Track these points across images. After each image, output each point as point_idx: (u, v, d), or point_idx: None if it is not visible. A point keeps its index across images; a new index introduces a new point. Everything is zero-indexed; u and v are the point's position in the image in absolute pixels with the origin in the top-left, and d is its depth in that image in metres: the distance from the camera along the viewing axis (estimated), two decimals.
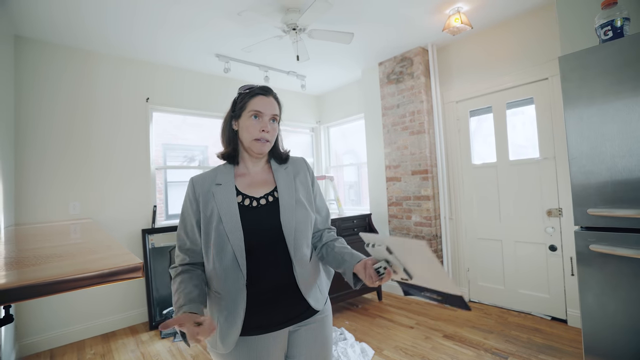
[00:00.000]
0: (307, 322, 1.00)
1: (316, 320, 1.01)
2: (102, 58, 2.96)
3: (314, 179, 1.12)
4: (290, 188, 1.02)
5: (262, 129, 0.97)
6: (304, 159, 1.14)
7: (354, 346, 2.27)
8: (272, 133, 1.00)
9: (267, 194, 1.00)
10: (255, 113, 0.98)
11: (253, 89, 1.01)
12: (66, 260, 0.84)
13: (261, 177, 1.04)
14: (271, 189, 1.01)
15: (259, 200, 0.99)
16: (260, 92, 1.00)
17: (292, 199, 1.00)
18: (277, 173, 1.04)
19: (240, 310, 0.90)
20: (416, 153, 3.26)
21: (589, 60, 1.23)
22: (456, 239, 3.22)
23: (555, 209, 2.57)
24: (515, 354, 2.15)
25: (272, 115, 1.00)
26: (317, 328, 1.01)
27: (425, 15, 2.63)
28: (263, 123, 0.98)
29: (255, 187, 1.01)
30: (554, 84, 2.54)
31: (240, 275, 0.91)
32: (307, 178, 1.09)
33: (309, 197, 1.06)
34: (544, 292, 2.67)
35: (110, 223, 2.88)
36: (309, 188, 1.08)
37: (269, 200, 0.99)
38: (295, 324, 0.98)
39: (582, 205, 1.25)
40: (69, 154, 2.76)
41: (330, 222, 1.14)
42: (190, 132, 3.81)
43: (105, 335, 2.78)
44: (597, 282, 1.21)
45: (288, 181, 1.03)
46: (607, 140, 1.20)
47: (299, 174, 1.07)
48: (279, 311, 0.95)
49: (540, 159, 2.65)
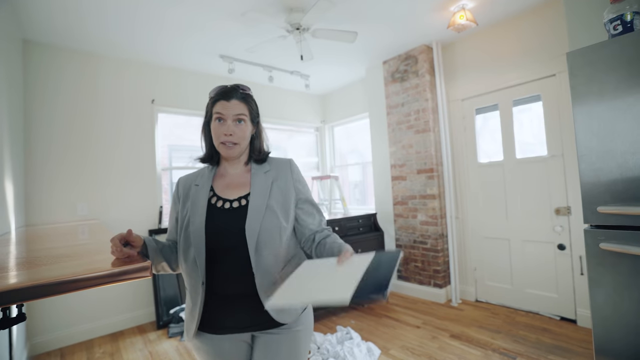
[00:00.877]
0: (274, 331, 0.97)
1: (285, 332, 0.98)
2: (107, 60, 2.99)
3: (298, 182, 1.07)
4: (263, 193, 1.00)
5: (225, 133, 0.97)
6: (290, 161, 1.09)
7: (360, 345, 2.27)
8: (238, 134, 0.99)
9: (240, 197, 1.00)
10: (219, 116, 0.99)
11: (214, 96, 1.00)
12: (75, 260, 0.85)
13: (239, 180, 1.04)
14: (246, 193, 1.01)
15: (231, 202, 0.99)
16: (221, 97, 0.99)
17: (262, 204, 0.97)
18: (255, 177, 1.03)
19: (198, 305, 0.95)
20: (421, 152, 3.25)
21: (598, 56, 1.21)
22: (462, 238, 3.19)
23: (563, 207, 2.54)
24: (523, 354, 2.13)
25: (235, 117, 0.98)
26: (285, 341, 0.98)
27: (429, 12, 2.61)
28: (225, 126, 0.98)
29: (231, 189, 1.02)
30: (562, 81, 2.51)
31: (199, 276, 0.94)
32: (286, 183, 1.04)
33: (285, 203, 1.02)
34: (552, 291, 2.63)
35: (117, 224, 2.91)
36: (288, 194, 1.03)
37: (241, 203, 0.99)
38: (259, 330, 0.97)
39: (591, 203, 1.23)
40: (76, 156, 2.79)
41: (324, 224, 1.09)
42: (195, 133, 3.83)
43: (114, 335, 2.81)
44: (608, 281, 1.19)
45: (264, 186, 1.01)
46: (617, 136, 1.18)
47: (279, 179, 1.04)
48: (238, 316, 0.95)
49: (547, 157, 2.62)
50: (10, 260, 0.88)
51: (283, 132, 4.42)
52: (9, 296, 0.55)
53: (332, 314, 2.99)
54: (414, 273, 3.36)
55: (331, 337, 2.39)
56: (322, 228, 1.07)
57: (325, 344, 2.31)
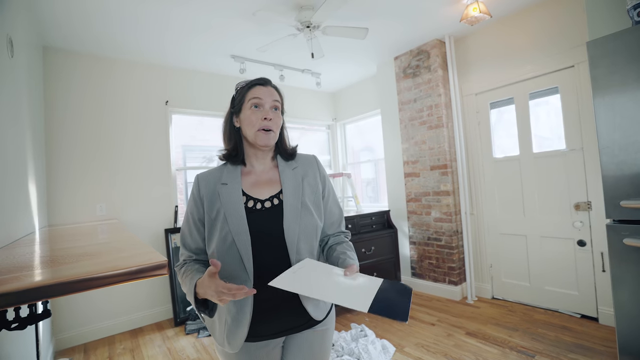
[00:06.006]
0: (305, 332, 0.96)
1: (316, 331, 0.97)
2: (122, 63, 3.06)
3: (325, 179, 1.05)
4: (296, 191, 0.96)
5: (264, 117, 0.93)
6: (315, 157, 1.07)
7: (375, 343, 2.26)
8: (275, 121, 0.95)
9: (272, 197, 0.95)
10: (256, 102, 0.93)
11: (248, 83, 0.98)
12: (96, 259, 0.88)
13: (267, 176, 0.99)
14: (276, 191, 0.96)
15: (263, 202, 0.94)
16: (258, 82, 0.97)
17: (297, 203, 0.94)
18: (284, 174, 0.99)
19: (247, 312, 0.88)
20: (435, 148, 3.20)
21: (620, 44, 1.16)
22: (477, 234, 3.14)
23: (583, 203, 2.46)
24: (542, 353, 2.08)
25: (273, 103, 0.95)
26: (315, 339, 0.97)
27: (441, 6, 2.56)
28: (264, 111, 0.93)
29: (260, 187, 0.97)
30: (581, 72, 2.43)
31: (247, 278, 0.88)
32: (316, 179, 1.02)
33: (317, 200, 0.99)
34: (572, 289, 2.56)
35: (134, 223, 2.99)
36: (318, 190, 1.01)
37: (273, 203, 0.95)
38: (293, 333, 0.95)
39: (614, 197, 1.19)
40: (94, 158, 2.88)
41: (343, 226, 1.08)
42: (208, 133, 3.88)
43: (134, 331, 2.89)
44: (632, 277, 1.15)
45: (295, 183, 0.97)
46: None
47: (308, 175, 1.01)
48: (280, 320, 0.92)
49: (566, 151, 2.54)
50: (35, 259, 0.91)
51: (295, 131, 4.43)
52: (34, 293, 0.57)
53: (347, 312, 2.99)
54: (428, 270, 3.33)
55: (346, 335, 2.40)
56: (339, 231, 1.07)
57: (339, 341, 2.32)
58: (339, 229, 1.07)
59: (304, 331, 0.96)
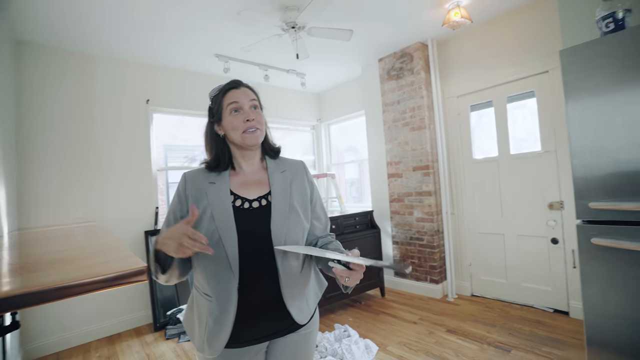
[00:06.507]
0: (289, 335, 0.96)
1: (299, 334, 0.97)
2: (101, 60, 2.95)
3: (312, 184, 1.06)
4: (285, 193, 0.97)
5: (247, 119, 0.94)
6: (303, 163, 1.09)
7: (358, 343, 2.28)
8: (258, 119, 0.96)
9: (260, 197, 0.96)
10: (234, 107, 0.94)
11: (222, 87, 0.98)
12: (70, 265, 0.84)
13: (255, 177, 1.00)
14: (265, 192, 0.97)
15: (251, 202, 0.94)
16: (230, 86, 0.98)
17: (285, 204, 0.95)
18: (273, 176, 1.00)
19: (231, 313, 0.87)
20: (417, 149, 3.26)
21: (590, 53, 1.22)
22: (458, 233, 3.22)
23: (556, 202, 2.57)
24: (518, 347, 2.16)
25: (251, 103, 0.96)
26: (299, 342, 0.97)
27: (424, 10, 2.61)
28: (245, 113, 0.94)
29: (248, 188, 0.97)
30: (555, 77, 2.53)
31: (232, 278, 0.87)
32: (304, 184, 1.03)
33: (304, 204, 1.00)
34: (546, 284, 2.67)
35: (113, 225, 2.89)
36: (306, 194, 1.02)
37: (262, 203, 0.95)
38: (277, 337, 0.95)
39: (583, 198, 1.25)
40: (71, 157, 2.77)
41: (329, 229, 1.10)
42: (191, 133, 3.81)
43: (111, 337, 2.80)
44: (600, 274, 1.21)
45: (283, 186, 0.98)
46: (611, 132, 1.19)
47: (296, 179, 1.02)
48: (264, 325, 0.91)
49: (541, 152, 2.64)
50: (2, 266, 0.87)
51: (279, 131, 4.40)
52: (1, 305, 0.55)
53: (331, 312, 3.01)
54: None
55: (329, 335, 2.41)
56: (326, 234, 1.08)
57: (323, 342, 2.33)
58: (326, 232, 1.09)
59: (288, 335, 0.96)
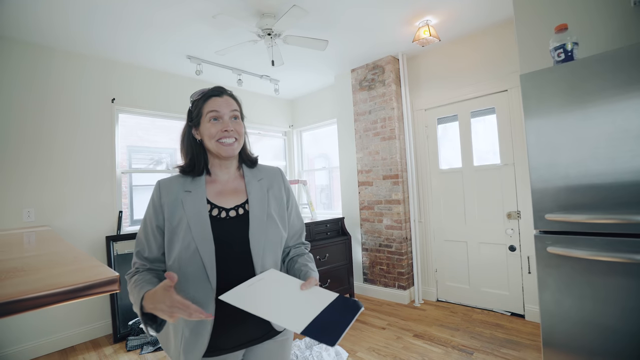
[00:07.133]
0: (266, 342, 0.96)
1: (276, 341, 0.97)
2: (62, 54, 2.77)
3: (289, 191, 1.06)
4: (262, 202, 0.96)
5: (224, 129, 0.92)
6: (280, 170, 1.08)
7: (329, 349, 2.30)
8: (237, 130, 0.95)
9: (237, 206, 0.95)
10: (214, 115, 0.92)
11: (205, 93, 0.96)
12: (32, 275, 0.79)
13: (232, 186, 0.99)
14: (242, 201, 0.96)
15: (228, 211, 0.93)
16: (213, 93, 0.95)
17: (263, 214, 0.95)
18: (250, 184, 0.99)
19: (208, 324, 0.86)
20: (387, 158, 3.37)
21: (545, 80, 1.36)
22: (425, 241, 3.35)
23: (514, 212, 2.76)
24: (480, 349, 2.28)
25: (232, 114, 0.94)
26: (275, 349, 0.97)
27: (396, 26, 2.73)
28: (224, 123, 0.93)
29: (225, 196, 0.96)
30: (513, 96, 2.74)
31: (209, 288, 0.86)
32: (281, 191, 1.03)
33: (281, 212, 1.00)
34: (504, 289, 2.85)
35: (70, 230, 2.70)
36: (283, 202, 1.02)
37: (239, 212, 0.94)
38: (254, 345, 0.94)
39: (541, 210, 1.37)
40: (22, 156, 2.55)
41: (304, 237, 1.10)
42: (159, 135, 3.66)
43: (64, 351, 2.59)
44: (554, 281, 1.33)
45: (261, 194, 0.98)
46: (561, 151, 1.32)
47: (273, 187, 1.02)
48: (242, 332, 0.91)
49: (501, 165, 2.84)
50: None
51: (251, 136, 4.29)
52: None
53: None
54: (379, 276, 3.46)
55: (300, 343, 2.40)
56: (299, 242, 1.09)
57: (294, 349, 2.31)
58: (300, 240, 1.09)
59: (265, 342, 0.96)
